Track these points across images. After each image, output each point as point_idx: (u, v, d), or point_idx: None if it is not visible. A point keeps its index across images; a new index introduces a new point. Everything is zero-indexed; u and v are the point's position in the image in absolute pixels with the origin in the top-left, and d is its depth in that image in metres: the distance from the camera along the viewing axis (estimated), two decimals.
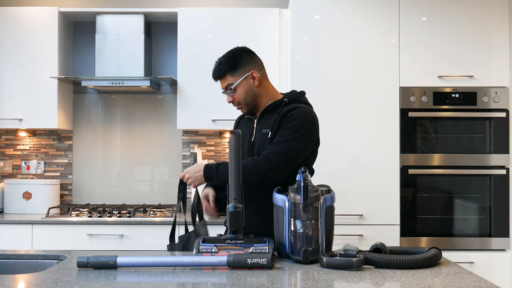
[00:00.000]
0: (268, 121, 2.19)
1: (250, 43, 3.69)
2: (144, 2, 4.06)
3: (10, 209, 3.80)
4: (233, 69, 2.20)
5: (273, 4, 3.96)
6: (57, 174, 4.07)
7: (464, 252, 3.34)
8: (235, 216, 1.90)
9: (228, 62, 2.20)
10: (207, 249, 1.87)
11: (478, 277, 1.68)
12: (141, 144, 4.08)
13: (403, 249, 1.98)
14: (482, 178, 3.41)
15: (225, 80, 2.21)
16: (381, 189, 3.37)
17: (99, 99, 4.09)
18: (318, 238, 1.87)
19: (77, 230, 3.42)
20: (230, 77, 2.20)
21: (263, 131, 2.18)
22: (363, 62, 3.41)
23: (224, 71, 2.20)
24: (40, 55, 3.73)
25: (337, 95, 3.40)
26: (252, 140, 2.23)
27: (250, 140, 2.24)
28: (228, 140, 1.97)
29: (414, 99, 3.39)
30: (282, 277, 1.66)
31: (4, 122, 3.73)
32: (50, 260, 2.03)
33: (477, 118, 3.41)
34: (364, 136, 3.38)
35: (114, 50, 3.73)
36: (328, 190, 1.96)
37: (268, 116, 2.22)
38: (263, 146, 2.16)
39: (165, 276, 1.67)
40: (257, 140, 2.21)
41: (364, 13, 3.43)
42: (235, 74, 2.20)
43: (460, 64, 3.42)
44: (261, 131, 2.20)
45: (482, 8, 3.42)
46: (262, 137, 2.18)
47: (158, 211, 3.70)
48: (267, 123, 2.19)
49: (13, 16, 3.74)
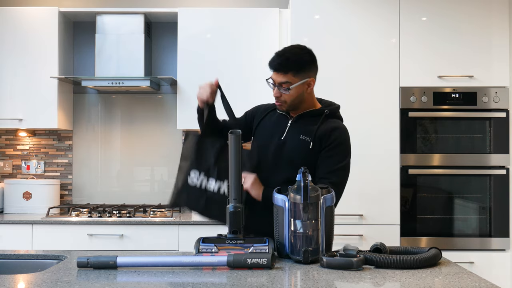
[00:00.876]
0: (306, 128, 2.18)
1: (250, 43, 3.72)
2: (144, 2, 4.06)
3: (10, 209, 3.80)
4: (297, 71, 2.14)
5: (273, 4, 3.96)
6: (57, 174, 4.07)
7: (464, 252, 3.34)
8: (235, 216, 1.90)
9: (296, 62, 2.14)
10: (207, 249, 1.87)
11: (478, 277, 1.68)
12: (141, 144, 4.08)
13: (403, 249, 1.98)
14: (482, 178, 3.41)
15: (284, 77, 2.13)
16: (381, 189, 3.37)
17: (99, 99, 4.09)
18: (318, 238, 1.87)
19: (77, 230, 3.42)
20: (291, 76, 2.13)
21: (301, 137, 2.17)
22: (363, 62, 3.41)
23: (289, 69, 2.13)
24: (40, 55, 3.73)
25: (337, 95, 3.37)
26: (283, 139, 2.21)
27: (280, 137, 2.21)
28: (228, 140, 1.97)
29: (414, 99, 3.39)
30: (282, 277, 1.66)
31: (4, 122, 3.73)
32: (50, 260, 2.03)
33: (477, 118, 3.41)
34: (364, 136, 3.38)
35: (114, 50, 3.73)
36: (328, 190, 1.96)
37: (304, 122, 2.20)
38: (298, 150, 2.16)
39: (165, 276, 1.67)
40: (290, 141, 2.19)
41: (364, 13, 3.43)
42: (297, 76, 2.14)
43: (460, 64, 3.42)
44: (297, 135, 2.18)
45: (482, 8, 3.42)
46: (298, 142, 2.17)
47: (158, 211, 3.70)
48: (305, 130, 2.17)
49: (13, 16, 3.74)
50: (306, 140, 2.15)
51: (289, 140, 2.19)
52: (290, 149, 2.18)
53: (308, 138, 2.15)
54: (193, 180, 2.17)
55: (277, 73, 2.15)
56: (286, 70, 2.13)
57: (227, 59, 3.69)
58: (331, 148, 2.15)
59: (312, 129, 2.16)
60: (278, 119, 2.27)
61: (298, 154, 2.15)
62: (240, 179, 1.92)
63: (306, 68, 2.17)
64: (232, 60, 3.69)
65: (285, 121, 2.24)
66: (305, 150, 2.15)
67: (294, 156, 2.15)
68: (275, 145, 2.21)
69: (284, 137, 2.21)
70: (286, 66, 2.13)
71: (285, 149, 2.19)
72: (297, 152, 2.16)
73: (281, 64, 2.13)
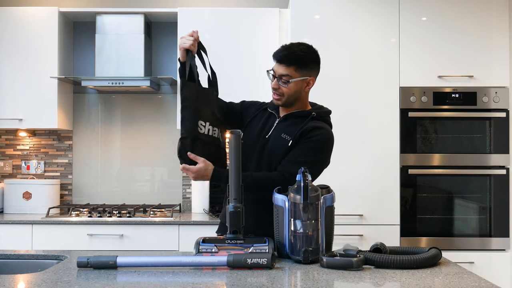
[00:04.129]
0: (290, 128, 2.18)
1: (250, 43, 3.72)
2: (144, 2, 4.06)
3: (10, 209, 3.80)
4: (300, 67, 2.15)
5: (273, 4, 3.96)
6: (57, 174, 4.07)
7: (464, 252, 3.34)
8: (235, 216, 1.90)
9: (300, 58, 2.14)
10: (207, 249, 1.87)
11: (478, 277, 1.68)
12: (141, 144, 4.08)
13: (403, 249, 1.98)
14: (482, 178, 3.41)
15: (286, 69, 2.14)
16: (381, 189, 3.37)
17: (99, 99, 4.09)
18: (318, 238, 1.87)
19: (77, 230, 3.42)
20: (293, 70, 2.14)
21: (282, 135, 2.17)
22: (363, 62, 3.41)
23: (293, 62, 2.14)
24: (40, 55, 3.73)
25: (337, 95, 3.40)
26: (267, 137, 2.22)
27: (264, 136, 2.22)
28: (228, 140, 1.97)
29: (414, 99, 3.39)
30: (282, 277, 1.66)
31: (4, 122, 3.73)
32: (50, 260, 2.03)
33: (477, 118, 3.41)
34: (364, 136, 3.38)
35: (114, 50, 3.73)
36: (328, 190, 1.96)
37: (291, 122, 2.20)
38: (277, 149, 2.16)
39: (165, 276, 1.67)
40: (273, 139, 2.20)
41: (364, 13, 3.43)
42: (298, 71, 2.15)
43: (460, 64, 3.42)
44: (279, 133, 2.19)
45: (482, 8, 3.42)
46: (279, 140, 2.17)
47: (158, 211, 3.70)
48: (289, 129, 2.18)
49: (13, 16, 3.74)
50: (286, 139, 2.16)
51: (271, 138, 2.21)
52: (270, 147, 2.19)
53: (289, 137, 2.16)
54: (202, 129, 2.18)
55: (279, 65, 2.15)
56: (289, 63, 2.13)
57: (227, 59, 3.69)
58: (304, 141, 2.15)
59: (295, 129, 2.16)
60: (267, 117, 2.29)
61: (277, 151, 2.16)
62: (240, 179, 1.92)
63: (309, 66, 2.17)
64: (232, 60, 3.69)
65: (273, 120, 2.26)
66: (284, 148, 2.15)
67: (274, 154, 2.17)
68: (259, 143, 2.22)
69: (269, 135, 2.22)
70: (290, 59, 2.14)
71: (267, 147, 2.20)
72: (276, 150, 2.17)
73: (286, 56, 2.14)
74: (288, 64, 2.14)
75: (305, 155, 2.13)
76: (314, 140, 2.15)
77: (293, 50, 2.15)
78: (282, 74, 2.15)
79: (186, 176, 4.03)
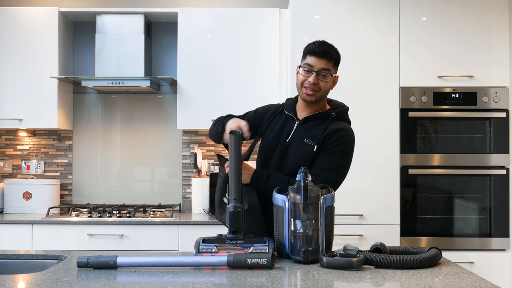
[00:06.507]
0: (311, 131, 2.18)
1: (250, 43, 3.72)
2: (144, 2, 4.06)
3: (10, 209, 3.80)
4: (335, 64, 2.19)
5: (273, 4, 3.96)
6: (57, 174, 4.07)
7: (464, 252, 3.34)
8: (235, 216, 1.90)
9: (337, 54, 2.20)
10: (207, 249, 1.87)
11: (478, 277, 1.68)
12: (141, 144, 4.08)
13: (403, 249, 1.98)
14: (482, 178, 3.41)
15: (327, 64, 2.15)
16: (381, 189, 3.37)
17: (99, 99, 4.09)
18: (318, 238, 1.87)
19: (77, 230, 3.42)
20: (331, 66, 2.17)
21: (305, 140, 2.17)
22: (363, 62, 3.41)
23: (332, 58, 2.16)
24: (40, 55, 3.73)
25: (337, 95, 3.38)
26: (288, 141, 2.20)
27: (284, 140, 2.21)
28: (228, 140, 1.97)
29: (414, 99, 3.39)
30: (282, 277, 1.66)
31: (4, 122, 3.73)
32: (50, 260, 2.03)
33: (477, 118, 3.41)
34: (364, 136, 3.37)
35: (114, 50, 3.73)
36: (328, 190, 1.96)
37: (311, 125, 2.20)
38: (301, 154, 2.15)
39: (165, 276, 1.67)
40: (295, 144, 2.19)
41: (364, 13, 3.43)
42: (334, 68, 2.19)
43: (460, 64, 3.42)
44: (301, 137, 2.18)
45: (482, 8, 3.42)
46: (302, 145, 2.17)
47: (158, 211, 3.70)
48: (310, 133, 2.17)
49: (13, 16, 3.74)
50: (310, 144, 2.15)
51: (293, 142, 2.19)
52: (294, 152, 2.18)
53: (312, 142, 2.15)
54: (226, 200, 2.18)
55: (319, 59, 2.15)
56: (330, 58, 2.16)
57: (227, 59, 3.69)
58: (331, 147, 2.15)
59: (317, 133, 2.16)
60: (284, 120, 2.27)
61: (301, 157, 2.15)
62: (240, 179, 1.92)
63: (338, 65, 2.22)
64: (232, 60, 3.69)
65: (292, 123, 2.24)
66: (309, 154, 2.15)
67: (298, 159, 2.15)
68: (280, 147, 2.21)
69: (289, 139, 2.20)
70: (331, 55, 2.16)
71: (290, 151, 2.19)
72: (300, 155, 2.15)
73: (326, 52, 2.16)
74: (329, 59, 2.16)
75: (334, 160, 2.15)
76: (339, 144, 2.16)
77: (331, 46, 2.19)
78: (323, 68, 2.15)
79: (186, 176, 4.03)
